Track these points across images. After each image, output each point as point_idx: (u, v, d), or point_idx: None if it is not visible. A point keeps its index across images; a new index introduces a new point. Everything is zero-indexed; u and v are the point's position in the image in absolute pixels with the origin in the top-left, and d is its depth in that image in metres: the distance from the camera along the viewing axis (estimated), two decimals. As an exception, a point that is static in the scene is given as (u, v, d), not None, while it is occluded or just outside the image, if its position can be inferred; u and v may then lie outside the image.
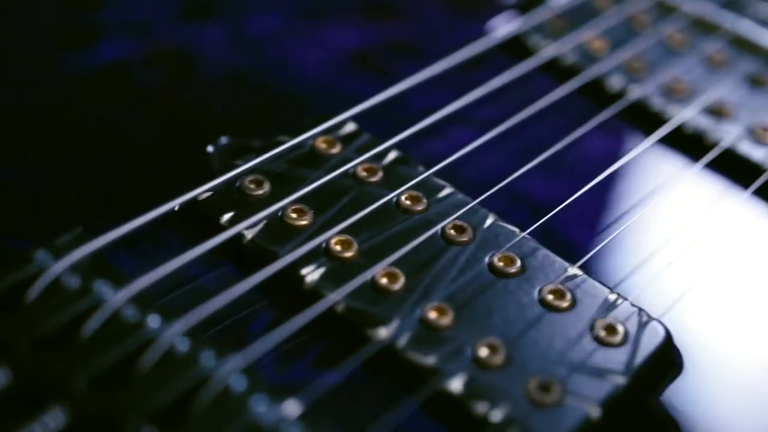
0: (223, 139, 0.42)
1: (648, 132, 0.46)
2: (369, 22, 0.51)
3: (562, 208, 0.42)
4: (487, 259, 0.38)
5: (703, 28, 0.52)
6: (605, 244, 0.40)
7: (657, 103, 0.47)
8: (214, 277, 0.36)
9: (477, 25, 0.52)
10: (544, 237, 0.40)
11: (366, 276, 0.36)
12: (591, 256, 0.39)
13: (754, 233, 0.43)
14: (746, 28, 0.52)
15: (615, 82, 0.48)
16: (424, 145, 0.44)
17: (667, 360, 0.36)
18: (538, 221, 0.40)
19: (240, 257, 0.37)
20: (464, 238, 0.38)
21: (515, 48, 0.50)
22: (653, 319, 0.37)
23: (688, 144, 0.46)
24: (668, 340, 0.36)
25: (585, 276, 0.38)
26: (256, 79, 0.47)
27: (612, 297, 0.37)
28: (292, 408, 0.31)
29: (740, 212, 0.43)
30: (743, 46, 0.51)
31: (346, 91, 0.46)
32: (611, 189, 0.44)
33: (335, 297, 0.35)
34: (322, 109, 0.44)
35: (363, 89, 0.45)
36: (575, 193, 0.42)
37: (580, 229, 0.41)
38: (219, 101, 0.45)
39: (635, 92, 0.47)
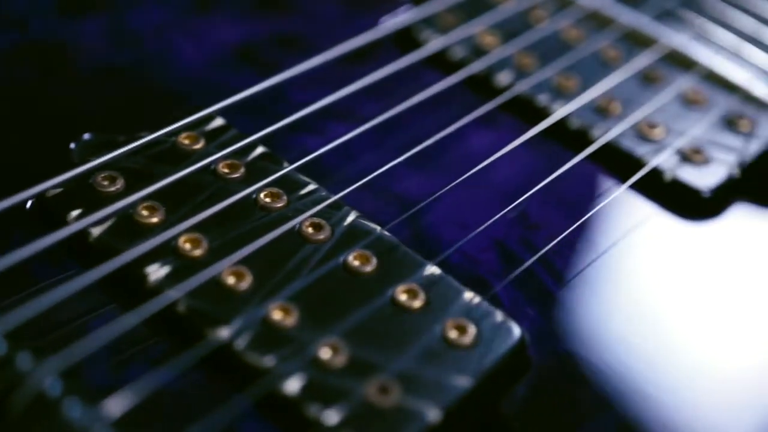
0: (86, 135, 0.41)
1: (532, 127, 0.45)
2: (258, 15, 0.50)
3: (434, 205, 0.41)
4: (342, 258, 0.37)
5: (598, 22, 0.51)
6: (469, 240, 0.39)
7: (543, 98, 0.46)
8: (57, 278, 0.35)
9: (371, 19, 0.51)
10: (412, 234, 0.40)
11: (212, 275, 0.35)
12: (453, 254, 0.39)
13: (630, 225, 0.42)
14: (642, 22, 0.51)
15: (503, 77, 0.47)
16: (300, 140, 0.43)
17: (521, 362, 0.36)
18: (407, 218, 0.40)
19: (86, 256, 0.36)
20: (321, 236, 0.37)
21: (406, 42, 0.49)
22: (508, 319, 0.36)
23: (572, 139, 0.45)
24: (522, 342, 0.35)
25: (443, 275, 0.37)
26: (134, 73, 0.46)
27: (468, 296, 0.36)
28: (112, 410, 0.30)
29: (617, 205, 0.43)
30: (638, 40, 0.50)
31: (225, 86, 0.45)
32: (488, 184, 0.43)
33: (175, 296, 0.34)
34: (200, 104, 0.43)
35: (244, 84, 0.44)
36: (449, 189, 0.41)
37: (451, 226, 0.41)
38: (93, 96, 0.44)
39: (522, 87, 0.47)
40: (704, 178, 0.44)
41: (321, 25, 0.51)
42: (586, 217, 0.41)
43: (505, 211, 0.41)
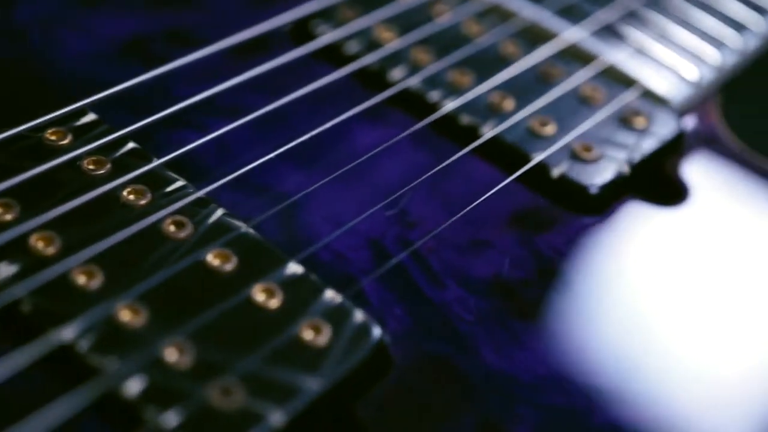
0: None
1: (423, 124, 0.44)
2: (151, 9, 0.49)
3: (312, 203, 0.40)
4: (202, 256, 0.36)
5: (500, 16, 0.50)
6: (342, 238, 0.39)
7: (435, 94, 0.45)
8: None
9: (271, 13, 0.50)
10: (286, 232, 0.39)
11: (61, 274, 0.34)
12: (324, 252, 0.38)
13: (514, 223, 0.41)
14: (543, 17, 0.50)
15: (397, 73, 0.46)
16: (182, 137, 0.42)
17: (381, 363, 0.35)
18: (278, 215, 0.39)
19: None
20: (182, 234, 0.36)
21: (302, 36, 0.48)
22: (369, 320, 0.35)
23: (462, 136, 0.44)
24: (381, 343, 0.34)
25: (305, 274, 0.36)
26: (17, 67, 0.45)
27: (329, 296, 0.35)
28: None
29: (502, 201, 0.42)
30: (538, 35, 0.49)
31: (111, 81, 0.44)
32: (372, 182, 0.42)
33: (20, 294, 0.33)
34: (79, 99, 0.42)
35: (127, 79, 0.43)
36: (327, 185, 0.41)
37: (327, 224, 0.40)
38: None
39: (415, 83, 0.46)
40: (592, 175, 0.43)
41: (218, 19, 0.50)
42: (461, 214, 0.40)
43: (377, 208, 0.40)
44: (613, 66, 0.48)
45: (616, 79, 0.47)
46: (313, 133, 0.42)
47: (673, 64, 0.49)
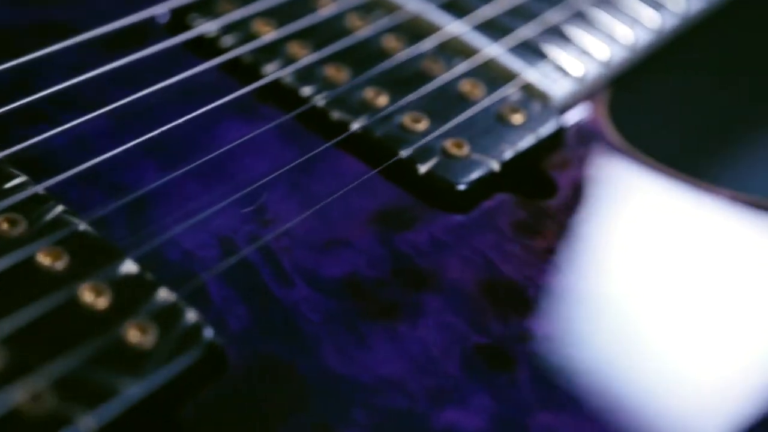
0: None
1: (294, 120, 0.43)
2: (19, 2, 0.48)
3: (164, 197, 0.39)
4: (32, 254, 0.35)
5: (384, 9, 0.49)
6: (191, 236, 0.37)
7: (308, 90, 0.44)
8: None
9: (149, 6, 0.49)
10: (132, 228, 0.38)
11: None
12: (171, 250, 0.37)
13: (377, 215, 0.40)
14: (427, 10, 0.49)
15: (270, 67, 0.45)
16: (35, 131, 0.41)
17: (213, 365, 0.34)
18: (130, 212, 0.38)
19: None
20: (15, 231, 0.35)
21: (178, 28, 0.47)
22: (201, 321, 0.34)
23: (331, 132, 0.43)
24: (212, 345, 0.33)
25: (140, 272, 0.35)
26: None
27: (162, 295, 0.34)
28: None
29: (366, 195, 0.41)
30: (421, 31, 0.48)
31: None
32: (232, 178, 0.41)
33: None
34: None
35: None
36: (187, 181, 0.39)
37: (178, 221, 0.38)
38: None
39: (288, 78, 0.44)
40: (460, 173, 0.42)
41: (93, 12, 0.48)
42: (312, 210, 0.39)
43: (225, 203, 0.39)
44: (494, 60, 0.47)
45: (497, 74, 0.46)
46: (167, 127, 0.41)
47: (558, 59, 0.48)
